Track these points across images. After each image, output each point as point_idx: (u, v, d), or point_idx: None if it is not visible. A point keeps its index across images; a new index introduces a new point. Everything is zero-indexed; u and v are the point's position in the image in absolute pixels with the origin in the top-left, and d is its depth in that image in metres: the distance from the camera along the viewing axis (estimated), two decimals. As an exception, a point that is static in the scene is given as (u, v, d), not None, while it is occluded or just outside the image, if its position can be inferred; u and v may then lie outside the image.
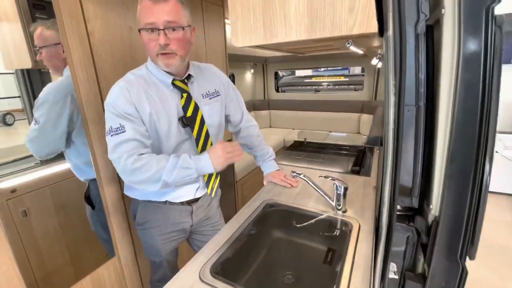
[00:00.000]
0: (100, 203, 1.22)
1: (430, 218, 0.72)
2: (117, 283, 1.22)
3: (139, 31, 0.83)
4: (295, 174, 0.96)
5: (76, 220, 1.41)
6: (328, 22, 0.53)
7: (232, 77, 3.21)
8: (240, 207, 0.96)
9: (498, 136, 2.73)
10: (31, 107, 1.24)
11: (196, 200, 1.06)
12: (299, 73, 4.73)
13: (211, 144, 0.98)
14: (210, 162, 0.85)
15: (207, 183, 1.03)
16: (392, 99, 0.60)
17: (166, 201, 1.01)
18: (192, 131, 0.94)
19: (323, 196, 0.90)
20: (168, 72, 0.89)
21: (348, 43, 0.71)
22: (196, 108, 0.93)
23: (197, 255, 0.71)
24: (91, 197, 1.25)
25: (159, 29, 0.78)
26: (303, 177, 0.92)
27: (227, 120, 1.17)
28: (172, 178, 0.82)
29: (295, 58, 3.31)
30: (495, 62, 0.56)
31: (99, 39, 0.99)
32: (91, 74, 0.98)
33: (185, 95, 0.91)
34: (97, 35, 0.98)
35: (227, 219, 1.01)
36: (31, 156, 1.34)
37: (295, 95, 3.74)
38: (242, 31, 0.65)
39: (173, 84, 0.90)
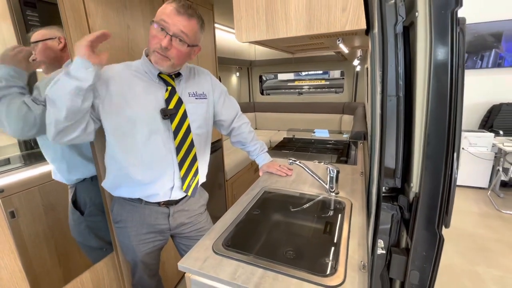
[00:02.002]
0: (91, 207, 1.20)
1: (411, 196, 0.82)
2: (115, 278, 1.21)
3: (151, 22, 0.85)
4: (291, 161, 1.04)
5: (65, 222, 1.38)
6: (324, 20, 0.62)
7: (219, 80, 3.27)
8: (230, 206, 1.00)
9: (464, 134, 2.99)
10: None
11: (175, 202, 1.05)
12: (282, 77, 4.89)
13: (192, 140, 0.99)
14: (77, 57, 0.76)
15: (182, 179, 1.00)
16: (379, 88, 0.69)
17: (142, 200, 1.00)
18: (171, 124, 0.94)
19: (318, 180, 0.98)
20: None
21: (339, 41, 0.81)
22: (179, 102, 0.95)
23: (207, 234, 0.76)
24: (78, 202, 1.20)
25: (168, 33, 0.82)
26: (298, 163, 1.00)
27: (220, 124, 1.20)
28: (52, 91, 0.77)
29: (278, 62, 3.44)
30: (460, 54, 0.67)
31: (100, 35, 1.02)
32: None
33: (169, 88, 0.94)
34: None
35: (218, 219, 0.97)
36: (16, 156, 1.30)
37: (279, 97, 3.86)
38: (246, 28, 0.72)
39: (159, 77, 0.94)
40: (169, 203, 1.03)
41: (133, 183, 0.96)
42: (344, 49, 1.02)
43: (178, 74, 0.98)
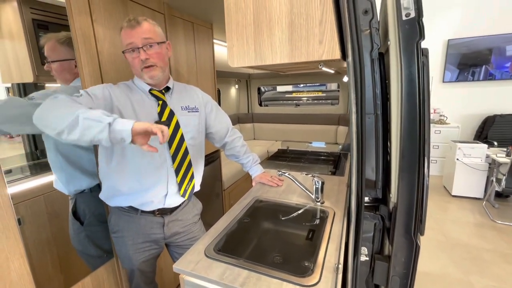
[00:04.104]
0: (90, 217, 1.25)
1: (391, 205, 0.88)
2: (114, 284, 1.27)
3: (123, 53, 0.96)
4: (281, 172, 1.12)
5: (68, 230, 1.44)
6: (304, 50, 0.71)
7: (218, 92, 3.37)
8: (227, 215, 1.06)
9: (458, 145, 3.06)
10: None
11: (169, 211, 1.10)
12: (280, 88, 5.01)
13: (186, 147, 1.06)
14: (132, 123, 0.75)
15: (179, 185, 1.06)
16: (354, 108, 0.78)
17: (138, 210, 1.04)
18: None
19: (305, 191, 1.06)
20: (149, 84, 1.01)
21: (320, 65, 0.90)
22: (171, 114, 1.03)
23: (200, 239, 0.83)
24: (78, 213, 1.25)
25: (138, 48, 0.92)
26: (287, 175, 1.08)
27: (212, 137, 1.28)
28: (86, 118, 0.73)
29: (276, 75, 3.55)
30: (425, 79, 0.76)
31: (106, 57, 1.12)
32: (98, 86, 1.10)
33: (160, 102, 1.02)
34: (105, 54, 1.11)
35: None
36: (23, 166, 1.37)
37: (277, 109, 3.95)
38: (237, 55, 0.81)
39: (150, 93, 1.02)
40: (163, 212, 1.09)
41: (128, 191, 1.02)
42: (328, 70, 1.11)
43: (167, 89, 1.06)
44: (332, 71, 1.26)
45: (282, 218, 1.03)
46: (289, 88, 5.23)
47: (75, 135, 0.74)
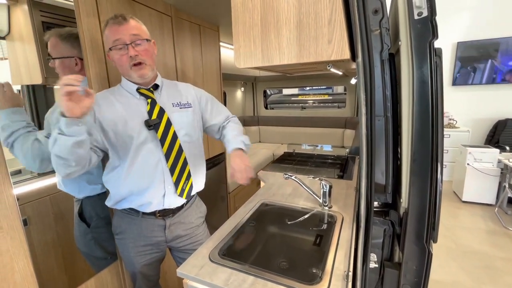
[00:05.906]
0: (97, 220, 1.24)
1: (401, 211, 0.85)
2: (118, 286, 1.26)
3: (109, 51, 0.93)
4: (287, 175, 1.09)
5: (73, 231, 1.44)
6: (313, 50, 0.70)
7: (224, 95, 3.37)
8: (232, 218, 1.04)
9: (468, 149, 2.98)
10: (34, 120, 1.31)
11: (171, 213, 1.07)
12: (286, 91, 4.99)
13: (180, 145, 1.03)
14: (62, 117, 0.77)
15: (175, 184, 1.03)
16: (363, 110, 0.75)
17: (139, 212, 1.03)
18: (157, 133, 0.99)
19: (312, 195, 1.03)
20: (137, 83, 0.99)
21: (329, 66, 0.88)
22: (162, 111, 1.00)
23: (205, 243, 0.81)
24: (84, 214, 1.24)
25: (126, 44, 0.90)
26: (294, 178, 1.05)
27: (210, 130, 1.22)
28: (56, 150, 0.80)
29: (283, 78, 3.54)
30: (438, 80, 0.73)
31: (113, 58, 1.12)
32: (105, 88, 1.10)
33: (149, 100, 1.00)
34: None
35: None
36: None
37: (283, 111, 3.94)
38: (244, 56, 0.80)
39: (138, 92, 1.00)
40: (165, 214, 1.06)
41: (127, 193, 1.00)
42: (337, 72, 1.10)
43: (156, 87, 1.04)
44: (340, 73, 1.24)
45: (289, 223, 1.00)
46: (295, 91, 5.22)
47: (71, 162, 0.82)
